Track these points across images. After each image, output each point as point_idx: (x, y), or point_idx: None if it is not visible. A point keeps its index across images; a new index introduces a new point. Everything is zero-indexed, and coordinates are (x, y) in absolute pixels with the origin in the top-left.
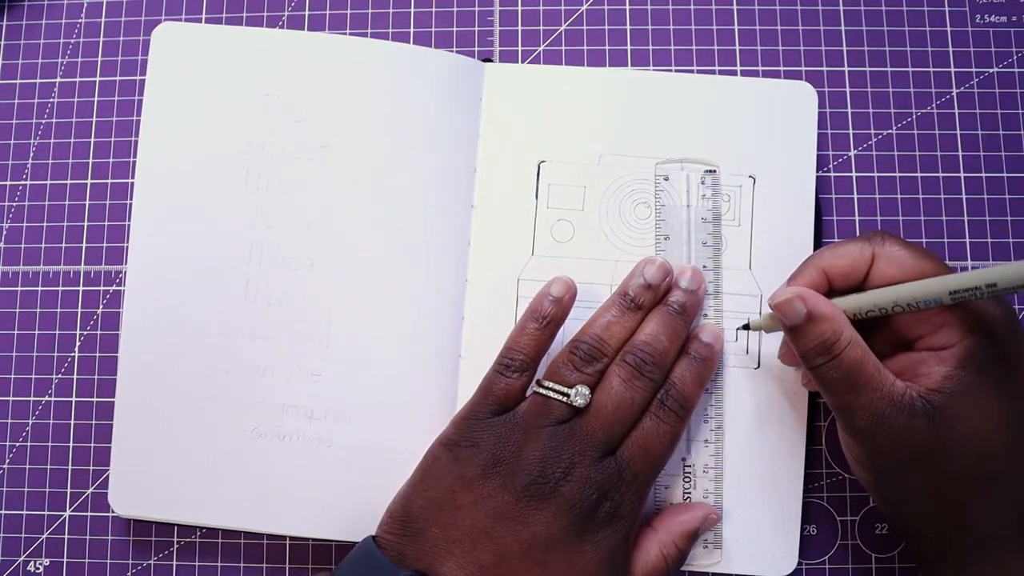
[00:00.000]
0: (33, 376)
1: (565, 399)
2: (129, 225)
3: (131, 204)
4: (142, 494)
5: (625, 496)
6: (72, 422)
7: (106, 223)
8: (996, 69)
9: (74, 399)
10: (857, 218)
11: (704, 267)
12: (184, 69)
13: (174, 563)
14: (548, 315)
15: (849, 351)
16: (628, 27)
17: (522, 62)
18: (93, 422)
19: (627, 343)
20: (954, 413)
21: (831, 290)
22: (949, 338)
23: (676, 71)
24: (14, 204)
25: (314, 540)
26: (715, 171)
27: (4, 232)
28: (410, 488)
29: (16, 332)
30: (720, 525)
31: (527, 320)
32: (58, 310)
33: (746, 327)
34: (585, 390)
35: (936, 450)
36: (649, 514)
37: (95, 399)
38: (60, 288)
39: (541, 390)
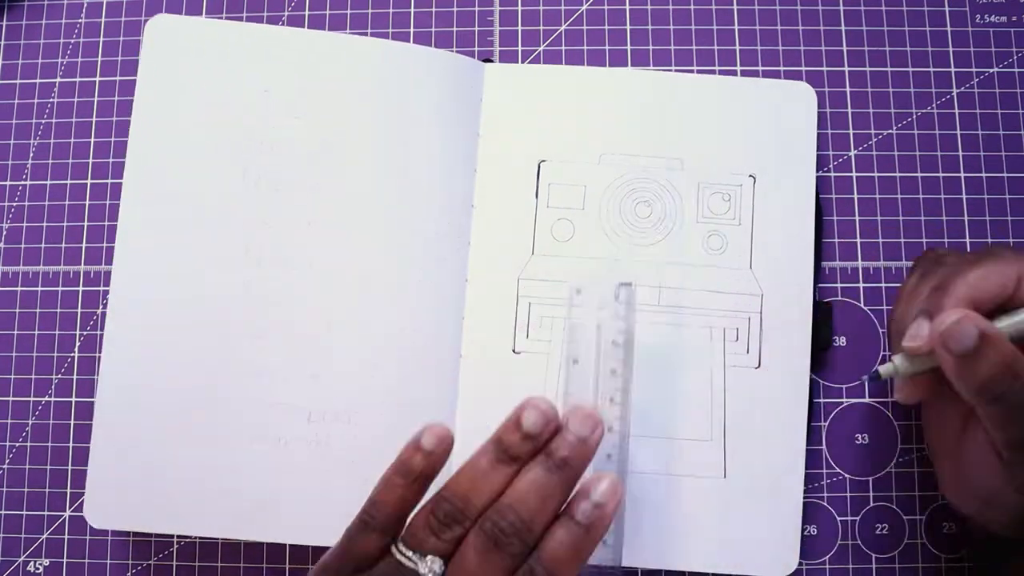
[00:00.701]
0: (33, 376)
1: (417, 569)
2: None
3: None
4: (130, 505)
5: None
6: (72, 422)
7: (106, 223)
8: (996, 69)
9: (74, 399)
10: (857, 218)
11: (612, 400)
12: (179, 63)
13: (174, 563)
14: (417, 470)
15: None
16: (628, 27)
17: (522, 62)
18: (93, 422)
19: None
20: None
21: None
22: None
23: (676, 71)
24: (14, 204)
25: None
26: (631, 285)
27: (4, 232)
28: None
29: (16, 332)
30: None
31: (393, 473)
32: (58, 310)
33: (875, 378)
34: (437, 564)
35: None
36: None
37: (95, 399)
38: (60, 288)
39: (397, 554)
